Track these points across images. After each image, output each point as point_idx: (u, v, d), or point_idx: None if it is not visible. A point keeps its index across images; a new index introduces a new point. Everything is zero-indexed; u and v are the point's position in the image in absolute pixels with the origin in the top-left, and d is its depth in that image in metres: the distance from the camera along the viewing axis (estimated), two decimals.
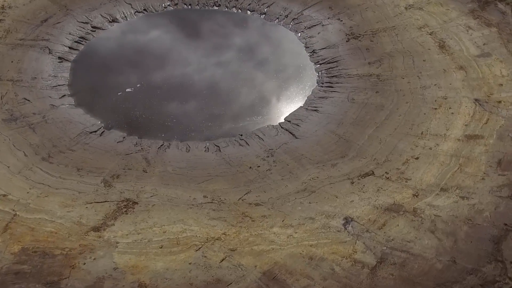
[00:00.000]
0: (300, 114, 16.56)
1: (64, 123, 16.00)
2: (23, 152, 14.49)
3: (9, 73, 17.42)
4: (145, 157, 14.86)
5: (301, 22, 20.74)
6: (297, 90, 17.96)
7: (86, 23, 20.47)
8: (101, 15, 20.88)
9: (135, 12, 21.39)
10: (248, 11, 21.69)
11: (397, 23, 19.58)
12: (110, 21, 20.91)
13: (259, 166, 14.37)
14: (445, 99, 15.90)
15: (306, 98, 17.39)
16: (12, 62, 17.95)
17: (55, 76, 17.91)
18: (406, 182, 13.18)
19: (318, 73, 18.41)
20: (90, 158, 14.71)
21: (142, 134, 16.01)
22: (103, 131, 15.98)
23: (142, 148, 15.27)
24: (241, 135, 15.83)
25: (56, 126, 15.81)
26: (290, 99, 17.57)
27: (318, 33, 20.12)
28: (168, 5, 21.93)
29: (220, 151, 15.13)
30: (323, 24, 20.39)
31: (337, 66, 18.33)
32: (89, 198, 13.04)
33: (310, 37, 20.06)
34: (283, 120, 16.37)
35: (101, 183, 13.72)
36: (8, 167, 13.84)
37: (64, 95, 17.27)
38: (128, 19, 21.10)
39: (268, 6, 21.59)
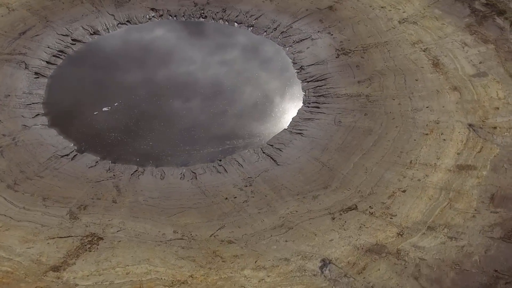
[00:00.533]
0: (283, 138, 15.67)
1: (35, 145, 15.19)
2: None
3: None
4: (116, 185, 14.02)
5: (289, 35, 19.83)
6: (282, 110, 17.08)
7: (66, 35, 19.62)
8: (82, 27, 20.04)
9: (118, 24, 20.53)
10: (235, 23, 20.79)
11: (390, 38, 18.64)
12: (91, 34, 20.07)
13: (235, 197, 13.51)
14: (437, 123, 14.98)
15: (291, 119, 16.47)
16: None
17: (30, 94, 17.09)
18: (391, 218, 12.28)
19: (305, 92, 17.50)
20: (58, 186, 13.88)
21: (116, 158, 15.17)
22: (75, 155, 15.15)
23: (114, 175, 14.43)
24: (220, 160, 14.95)
25: (26, 149, 14.99)
26: (274, 120, 16.69)
27: (307, 48, 19.21)
28: (153, 16, 21.06)
29: (196, 178, 14.27)
30: (312, 38, 19.47)
31: (325, 85, 17.42)
32: (52, 232, 12.25)
33: (298, 52, 19.15)
34: (266, 144, 15.44)
35: (66, 215, 12.92)
36: None
37: (38, 114, 16.46)
38: (110, 31, 20.25)
39: (256, 19, 20.69)
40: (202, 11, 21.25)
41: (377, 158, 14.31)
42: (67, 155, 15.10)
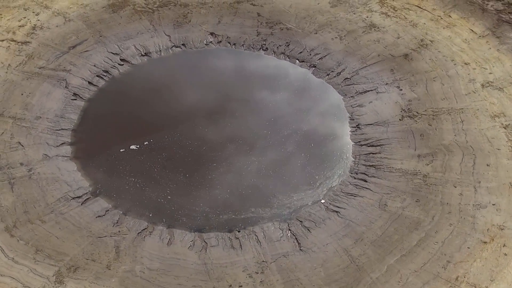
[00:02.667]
0: (316, 214, 13.67)
1: (49, 181, 14.22)
2: None
3: (14, 109, 15.93)
4: (117, 245, 12.71)
5: (353, 84, 17.59)
6: (324, 176, 15.00)
7: (116, 54, 18.59)
8: (135, 46, 18.91)
9: (172, 46, 19.20)
10: (297, 61, 18.81)
11: (467, 104, 15.96)
12: (142, 55, 18.90)
13: (240, 286, 11.70)
14: (502, 229, 12.38)
15: (331, 189, 14.38)
16: (22, 94, 16.47)
17: (62, 117, 16.21)
18: None
19: (355, 158, 15.29)
20: (56, 236, 12.81)
21: (129, 209, 13.89)
22: (88, 198, 14.01)
23: (119, 231, 13.13)
24: (239, 231, 13.23)
25: (38, 185, 14.06)
26: (312, 188, 14.65)
27: (370, 102, 16.92)
28: (211, 42, 19.56)
29: (205, 251, 12.67)
30: (378, 91, 17.12)
31: (379, 153, 15.15)
32: None
33: (359, 105, 16.90)
34: (294, 219, 13.49)
35: (53, 276, 11.81)
36: None
37: (63, 143, 15.54)
38: (162, 54, 18.98)
39: (321, 58, 18.60)
40: (264, 42, 19.43)
41: (417, 264, 11.98)
42: (79, 197, 14.02)
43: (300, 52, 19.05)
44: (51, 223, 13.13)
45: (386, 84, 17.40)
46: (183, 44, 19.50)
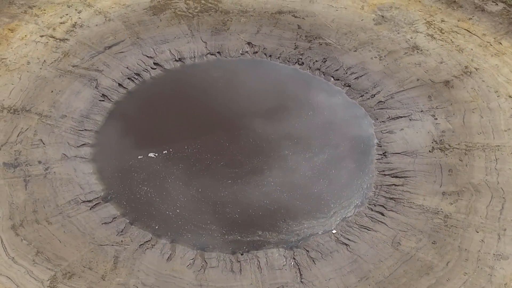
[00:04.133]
0: (325, 245, 13.11)
1: (63, 182, 14.33)
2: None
3: (42, 105, 16.15)
4: (117, 255, 12.62)
5: (387, 108, 16.81)
6: (340, 205, 14.33)
7: (151, 57, 18.58)
8: (170, 51, 18.83)
9: (207, 53, 19.00)
10: (331, 78, 18.17)
11: (505, 142, 14.92)
12: (176, 60, 18.80)
13: None
14: None
15: (344, 220, 13.74)
16: (52, 92, 16.70)
17: (87, 118, 16.32)
18: None
19: (376, 188, 14.55)
20: (59, 239, 12.85)
21: (136, 218, 13.78)
22: (97, 203, 14.00)
23: (122, 241, 13.02)
24: (242, 254, 12.85)
25: (52, 185, 14.18)
26: (325, 216, 14.04)
27: (401, 130, 16.12)
28: (246, 51, 19.20)
29: (204, 271, 12.38)
30: (411, 118, 16.29)
31: (402, 185, 14.37)
32: None
33: (389, 132, 16.12)
34: (301, 247, 12.97)
35: (47, 281, 11.84)
36: None
37: (84, 144, 15.62)
38: (196, 61, 18.81)
39: (357, 78, 17.89)
40: (301, 57, 18.90)
41: None
42: (89, 201, 14.04)
43: (336, 70, 18.39)
44: (57, 225, 13.17)
45: (421, 111, 16.52)
46: (218, 52, 19.26)
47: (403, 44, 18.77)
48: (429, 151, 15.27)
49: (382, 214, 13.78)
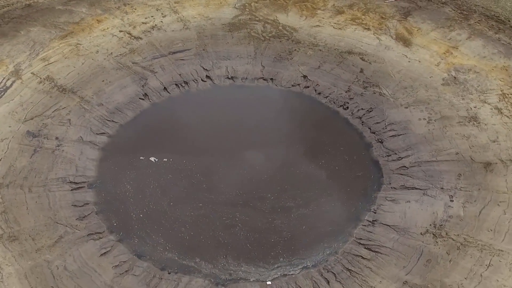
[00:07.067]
0: None
1: (65, 160, 15.70)
2: None
3: (87, 91, 17.79)
4: (62, 236, 13.53)
5: (406, 175, 15.39)
6: (288, 262, 13.63)
7: (206, 70, 19.28)
8: (227, 68, 19.33)
9: (260, 78, 19.15)
10: (368, 130, 17.09)
11: (511, 248, 12.60)
12: (228, 77, 19.23)
13: None
14: None
15: (284, 275, 12.94)
16: (102, 81, 18.30)
17: (119, 111, 17.58)
18: None
19: (340, 255, 13.40)
20: (28, 207, 14.11)
21: (105, 209, 14.58)
22: (80, 187, 15.07)
23: (76, 225, 13.88)
24: (169, 272, 13.11)
25: (53, 160, 15.59)
26: (266, 266, 13.45)
27: (406, 202, 14.65)
28: (298, 84, 19.04)
29: (123, 276, 12.67)
30: (425, 193, 14.74)
31: (369, 260, 13.16)
32: None
33: (393, 200, 14.70)
34: (225, 286, 12.54)
35: None
36: None
37: (104, 133, 16.84)
38: (246, 83, 19.16)
39: (393, 136, 16.63)
40: (349, 101, 18.02)
41: None
42: (75, 183, 15.14)
43: (377, 123, 17.18)
44: (35, 194, 14.45)
45: (441, 188, 14.73)
46: (271, 79, 19.23)
47: (462, 111, 16.80)
48: (421, 233, 13.57)
49: (328, 283, 12.59)
